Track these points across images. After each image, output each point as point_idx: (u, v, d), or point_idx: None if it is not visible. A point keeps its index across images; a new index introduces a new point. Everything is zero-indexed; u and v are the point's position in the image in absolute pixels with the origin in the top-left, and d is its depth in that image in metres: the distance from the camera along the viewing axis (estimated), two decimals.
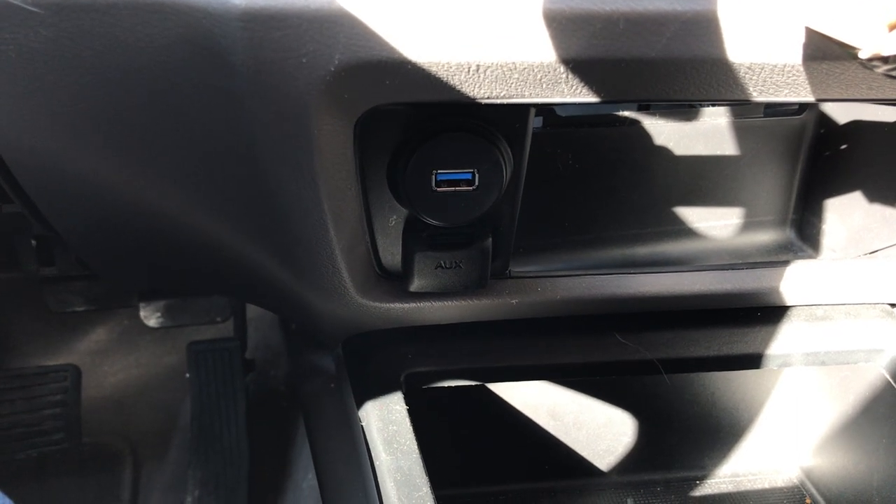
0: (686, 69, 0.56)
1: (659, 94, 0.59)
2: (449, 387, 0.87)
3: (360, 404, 0.82)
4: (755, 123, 0.96)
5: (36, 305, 1.44)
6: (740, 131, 0.97)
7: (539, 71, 0.55)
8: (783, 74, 0.57)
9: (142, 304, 1.48)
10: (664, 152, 0.96)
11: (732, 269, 0.87)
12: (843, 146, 0.95)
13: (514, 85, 0.56)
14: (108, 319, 1.54)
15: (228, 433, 1.34)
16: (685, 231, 1.00)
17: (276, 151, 0.59)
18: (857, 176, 0.95)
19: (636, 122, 0.91)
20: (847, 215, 0.96)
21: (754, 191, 1.01)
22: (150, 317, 1.50)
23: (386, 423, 0.78)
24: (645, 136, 0.95)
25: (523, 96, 0.57)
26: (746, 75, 0.57)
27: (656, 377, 0.92)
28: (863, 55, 0.46)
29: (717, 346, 0.89)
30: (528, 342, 0.88)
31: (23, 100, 0.57)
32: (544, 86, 0.56)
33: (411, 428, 0.77)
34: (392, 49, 0.52)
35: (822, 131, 0.97)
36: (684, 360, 0.89)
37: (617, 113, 0.92)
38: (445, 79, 0.54)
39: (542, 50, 0.53)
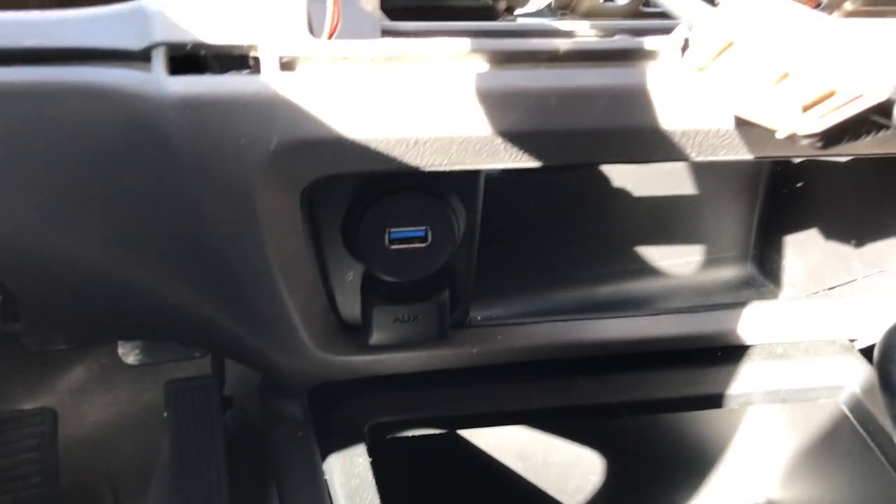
0: (621, 137, 0.57)
1: (599, 158, 0.60)
2: (414, 436, 0.88)
3: (324, 456, 0.82)
4: (714, 161, 0.97)
5: (13, 345, 1.44)
6: (699, 169, 0.98)
7: (477, 143, 0.56)
8: (718, 138, 0.58)
9: (120, 342, 1.48)
10: (624, 192, 0.97)
11: (691, 313, 0.88)
12: (799, 184, 0.96)
13: (454, 155, 0.57)
14: (87, 358, 1.53)
15: (208, 471, 1.34)
16: (648, 270, 1.01)
17: (223, 224, 0.59)
18: (813, 213, 0.96)
19: (595, 164, 0.92)
20: (805, 251, 0.98)
21: (715, 227, 1.02)
22: (129, 354, 1.50)
23: (349, 476, 0.78)
24: (604, 176, 0.96)
25: (464, 164, 0.58)
26: (682, 140, 0.58)
27: (620, 417, 0.93)
28: (780, 136, 0.48)
29: (678, 388, 0.90)
30: (492, 388, 0.89)
31: None
32: (484, 155, 0.57)
33: (374, 482, 0.78)
34: (329, 128, 0.53)
35: (778, 168, 0.99)
36: (647, 403, 0.90)
37: None
38: (386, 152, 0.55)
39: (477, 125, 0.54)
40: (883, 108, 0.45)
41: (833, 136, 0.48)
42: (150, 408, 1.50)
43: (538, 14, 0.76)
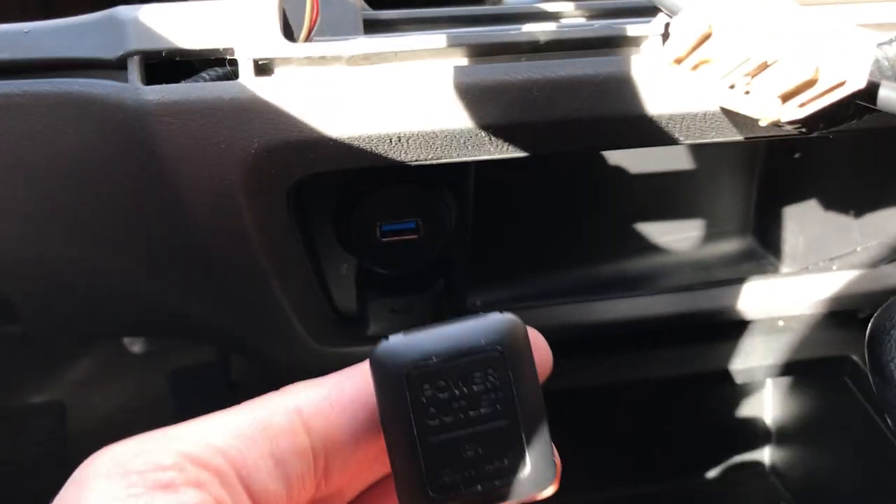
0: (607, 124, 0.56)
1: (585, 145, 0.59)
2: None
3: None
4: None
5: (17, 340, 1.44)
6: (695, 143, 0.97)
7: (461, 136, 0.55)
8: (706, 121, 0.57)
9: None
10: (621, 170, 0.96)
11: (691, 290, 0.87)
12: (797, 154, 0.95)
13: (439, 149, 0.56)
14: (93, 349, 1.54)
15: None
16: (647, 247, 1.00)
17: (210, 227, 0.59)
18: (811, 183, 0.95)
19: (582, 151, 0.91)
20: (804, 223, 0.97)
21: (714, 201, 1.01)
22: (135, 342, 1.50)
23: None
24: (600, 155, 0.95)
25: (451, 157, 0.57)
26: (669, 125, 0.57)
27: (624, 396, 0.92)
28: (763, 124, 0.47)
29: (681, 366, 0.90)
30: None
31: None
32: (470, 147, 0.56)
33: None
34: (311, 129, 0.52)
35: (775, 140, 0.97)
36: (649, 381, 0.90)
37: None
38: (369, 149, 0.55)
39: (460, 119, 0.53)
40: (867, 92, 0.44)
41: (817, 122, 0.48)
42: (157, 396, 1.50)
43: None
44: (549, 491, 0.40)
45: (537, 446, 0.39)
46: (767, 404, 1.09)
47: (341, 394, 0.40)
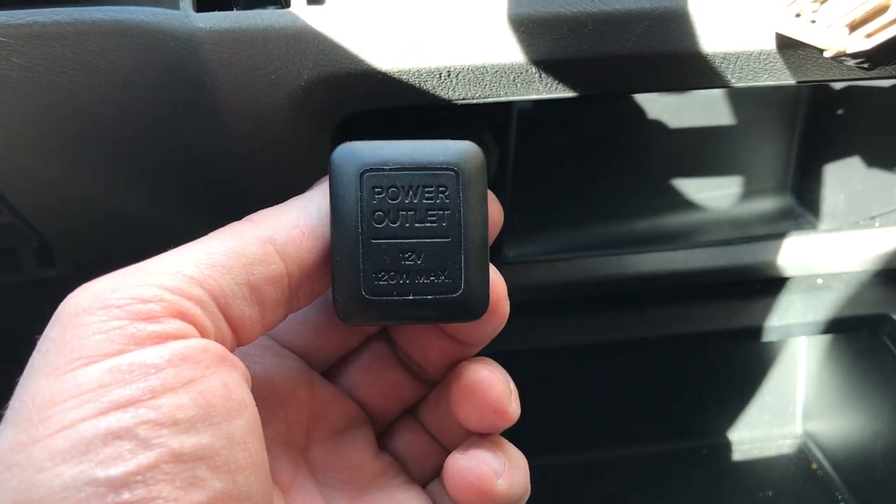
0: (660, 63, 0.55)
1: (636, 87, 0.58)
2: None
3: None
4: (751, 90, 0.94)
5: (44, 311, 1.44)
6: (736, 98, 0.96)
7: (511, 72, 0.54)
8: (759, 61, 0.56)
9: None
10: (661, 124, 0.96)
11: (728, 245, 0.86)
12: (840, 111, 0.94)
13: (487, 86, 0.56)
14: None
15: None
16: (684, 203, 1.00)
17: (255, 162, 0.59)
18: (854, 141, 0.94)
19: (630, 96, 0.90)
20: (845, 180, 0.95)
21: (753, 158, 1.00)
22: None
23: None
24: (640, 108, 0.94)
25: (498, 95, 0.57)
26: (722, 64, 0.56)
27: (657, 350, 0.92)
28: (828, 55, 0.46)
29: (716, 321, 0.89)
30: (527, 325, 0.88)
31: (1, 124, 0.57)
32: (518, 85, 0.56)
33: None
34: (360, 61, 0.52)
35: (817, 96, 0.96)
36: (684, 337, 0.89)
37: None
38: (417, 84, 0.54)
39: (511, 53, 0.53)
40: None
41: (883, 57, 0.47)
42: None
43: None
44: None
45: (475, 271, 0.41)
46: (802, 363, 1.08)
47: (309, 218, 0.42)
